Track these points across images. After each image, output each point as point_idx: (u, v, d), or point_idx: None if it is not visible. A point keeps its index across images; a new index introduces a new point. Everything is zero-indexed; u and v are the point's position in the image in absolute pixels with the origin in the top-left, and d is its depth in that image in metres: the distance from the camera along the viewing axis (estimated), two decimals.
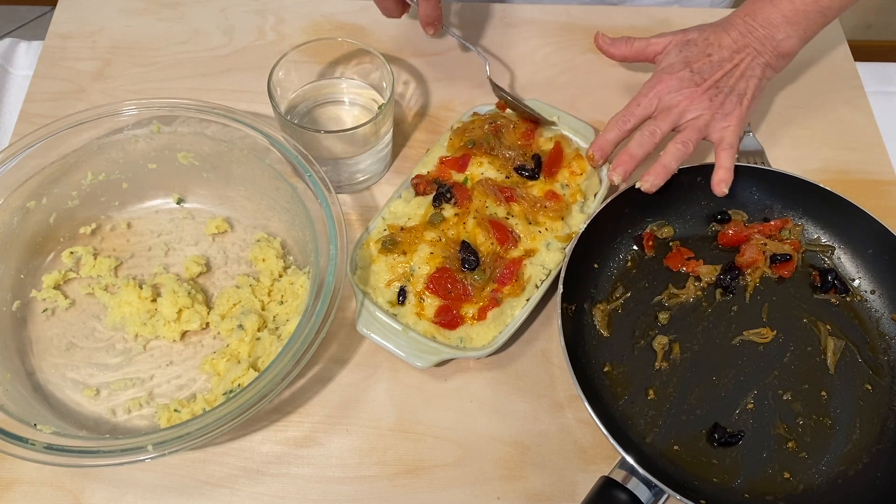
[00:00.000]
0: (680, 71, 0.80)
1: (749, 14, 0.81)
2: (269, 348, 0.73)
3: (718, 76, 0.80)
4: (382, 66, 0.82)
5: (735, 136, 0.79)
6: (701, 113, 0.79)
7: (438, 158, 0.82)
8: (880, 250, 0.78)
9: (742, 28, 0.81)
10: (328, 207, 0.73)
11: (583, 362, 0.74)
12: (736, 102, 0.80)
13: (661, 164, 0.77)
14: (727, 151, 0.79)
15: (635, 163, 0.78)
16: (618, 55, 0.86)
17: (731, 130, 0.79)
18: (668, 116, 0.79)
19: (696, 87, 0.79)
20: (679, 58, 0.82)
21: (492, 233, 0.76)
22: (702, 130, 0.79)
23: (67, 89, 0.94)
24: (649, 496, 0.64)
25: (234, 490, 0.70)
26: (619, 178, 0.78)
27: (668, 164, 0.77)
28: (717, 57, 0.80)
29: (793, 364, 0.75)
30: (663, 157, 0.78)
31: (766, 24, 0.80)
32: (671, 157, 0.78)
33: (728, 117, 0.79)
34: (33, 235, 0.79)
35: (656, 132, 0.79)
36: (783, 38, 0.80)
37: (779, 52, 0.81)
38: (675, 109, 0.79)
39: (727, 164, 0.78)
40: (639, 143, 0.78)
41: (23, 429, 0.63)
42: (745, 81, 0.80)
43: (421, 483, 0.71)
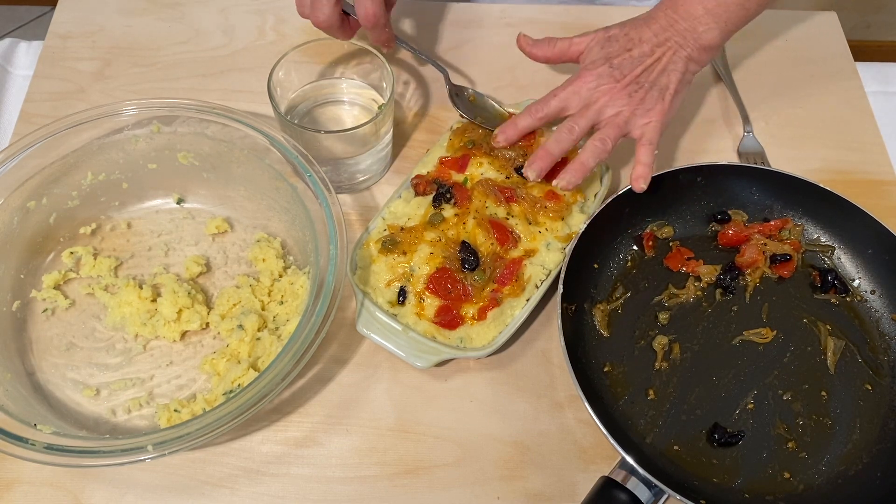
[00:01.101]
0: (600, 67, 0.79)
1: (671, 7, 0.80)
2: (269, 348, 0.73)
3: (639, 71, 0.78)
4: (382, 66, 0.82)
5: (656, 132, 0.78)
6: (620, 109, 0.78)
7: (438, 158, 0.82)
8: (880, 250, 0.78)
9: (663, 21, 0.79)
10: (328, 207, 0.73)
11: (583, 362, 0.74)
12: (657, 97, 0.78)
13: (580, 161, 0.76)
14: (646, 147, 0.77)
15: (552, 160, 0.77)
16: (541, 56, 0.84)
17: (652, 126, 0.78)
18: (586, 113, 0.78)
19: (616, 83, 0.78)
20: (600, 54, 0.80)
21: (492, 233, 0.76)
22: (621, 127, 0.78)
23: (67, 89, 0.94)
24: (649, 496, 0.64)
25: (234, 490, 0.70)
26: (533, 175, 0.77)
27: (586, 162, 0.76)
28: (637, 52, 0.79)
29: (793, 364, 0.75)
30: (581, 155, 0.77)
31: (687, 16, 0.79)
32: (589, 154, 0.76)
33: (649, 113, 0.78)
34: (33, 235, 0.79)
35: (574, 129, 0.78)
36: (704, 31, 0.78)
37: (700, 44, 0.79)
38: (593, 106, 0.78)
39: (645, 159, 0.77)
40: (556, 140, 0.77)
41: (23, 429, 0.63)
42: (668, 76, 0.79)
43: (421, 483, 0.71)
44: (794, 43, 1.00)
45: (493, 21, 1.02)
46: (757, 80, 0.97)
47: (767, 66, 0.98)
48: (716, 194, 0.83)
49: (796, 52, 1.00)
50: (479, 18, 1.02)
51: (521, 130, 0.80)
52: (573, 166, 0.76)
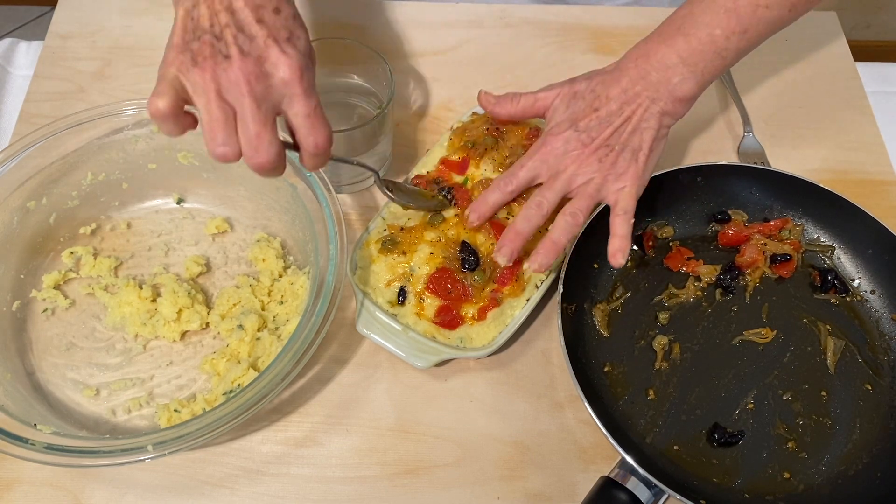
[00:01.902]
0: (565, 131, 0.73)
1: (642, 56, 0.73)
2: (269, 348, 0.73)
3: (608, 133, 0.72)
4: (382, 66, 0.82)
5: (630, 198, 0.72)
6: (591, 177, 0.72)
7: (439, 159, 0.82)
8: (880, 250, 0.78)
9: (633, 73, 0.73)
10: (328, 207, 0.73)
11: (583, 362, 0.74)
12: (630, 160, 0.72)
13: (551, 240, 0.71)
14: (621, 217, 0.72)
15: (522, 240, 0.72)
16: (504, 114, 0.79)
17: (626, 192, 0.72)
18: (554, 184, 0.73)
19: (585, 148, 0.72)
20: (565, 115, 0.74)
21: (492, 233, 0.76)
22: (593, 196, 0.73)
23: (67, 89, 0.94)
24: (649, 496, 0.64)
25: (234, 490, 0.70)
26: (504, 260, 0.71)
27: (558, 240, 0.71)
28: (604, 111, 0.73)
29: (793, 364, 0.75)
30: (552, 233, 0.72)
31: (660, 66, 0.72)
32: (560, 231, 0.72)
33: (622, 178, 0.72)
34: (33, 235, 0.79)
35: (543, 203, 0.72)
36: (679, 82, 0.72)
37: (675, 96, 0.72)
38: (562, 175, 0.73)
39: (622, 231, 0.71)
40: (525, 218, 0.72)
41: (23, 429, 0.63)
42: (640, 135, 0.73)
43: (421, 483, 0.71)
44: (794, 43, 1.00)
45: (493, 21, 1.02)
46: (757, 80, 0.97)
47: (767, 66, 0.98)
48: (716, 194, 0.83)
49: (796, 52, 1.00)
50: (479, 18, 1.02)
51: (493, 206, 0.75)
52: (545, 247, 0.71)
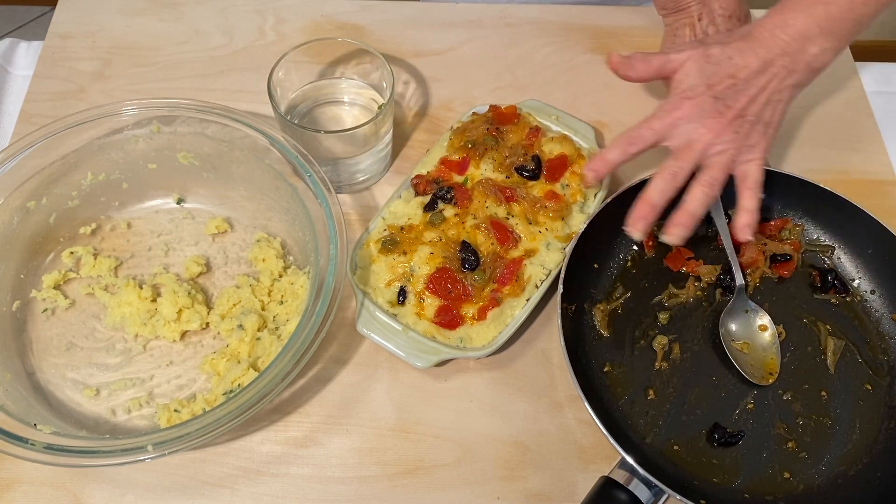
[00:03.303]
0: (701, 96, 0.70)
1: (779, 26, 0.71)
2: (269, 348, 0.73)
3: (744, 103, 0.70)
4: (382, 66, 0.82)
5: (760, 171, 0.71)
6: (726, 147, 0.70)
7: (439, 159, 0.83)
8: (880, 250, 0.78)
9: (770, 42, 0.71)
10: (328, 207, 0.73)
11: (583, 362, 0.74)
12: (762, 133, 0.71)
13: (687, 211, 0.69)
14: (752, 191, 0.71)
15: (656, 213, 0.69)
16: (635, 76, 0.76)
17: (756, 165, 0.71)
18: (690, 154, 0.70)
19: (721, 117, 0.70)
20: (700, 79, 0.71)
21: (492, 233, 0.76)
22: (728, 168, 0.71)
23: (67, 89, 0.94)
24: (649, 496, 0.64)
25: (234, 490, 0.70)
26: (639, 235, 0.69)
27: (696, 211, 0.69)
28: (742, 80, 0.70)
29: (793, 364, 0.75)
30: (688, 203, 0.69)
31: (799, 36, 0.70)
32: (698, 202, 0.69)
33: (753, 150, 0.71)
34: (33, 235, 0.79)
35: (678, 175, 0.70)
36: (818, 53, 0.70)
37: (812, 67, 0.71)
38: (697, 145, 0.70)
39: (751, 205, 0.70)
40: (660, 191, 0.69)
41: (23, 429, 0.63)
42: (773, 107, 0.71)
43: (421, 483, 0.71)
44: None
45: (493, 21, 1.02)
46: None
47: None
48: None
49: None
50: (479, 18, 1.02)
51: (612, 164, 0.73)
52: (681, 219, 0.69)
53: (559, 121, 0.87)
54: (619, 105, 0.95)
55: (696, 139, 0.70)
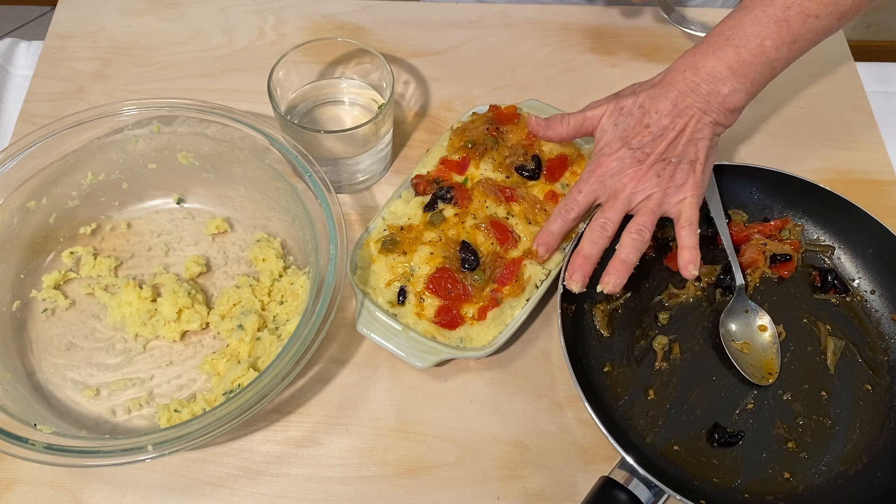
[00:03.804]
0: (619, 150, 0.73)
1: (690, 68, 0.72)
2: (269, 348, 0.73)
3: (662, 148, 0.72)
4: (382, 66, 0.82)
5: (693, 209, 0.72)
6: (651, 192, 0.72)
7: (439, 159, 0.83)
8: (880, 250, 0.78)
9: (682, 86, 0.72)
10: (328, 207, 0.73)
11: (583, 362, 0.74)
12: (688, 171, 0.72)
13: (620, 259, 0.71)
14: (687, 229, 0.72)
15: (592, 264, 0.71)
16: (556, 137, 0.78)
17: (688, 203, 0.72)
18: (615, 204, 0.72)
19: (640, 165, 0.72)
20: (615, 134, 0.74)
21: (492, 233, 0.76)
22: (655, 211, 0.72)
23: (67, 89, 0.94)
24: (649, 496, 0.64)
25: (234, 490, 0.70)
26: (577, 286, 0.71)
27: (628, 259, 0.71)
28: (656, 126, 0.72)
29: (793, 364, 0.75)
30: (621, 252, 0.71)
31: (710, 77, 0.71)
32: (629, 249, 0.71)
33: (682, 189, 0.72)
34: (33, 235, 0.79)
35: (607, 225, 0.72)
36: (729, 93, 0.71)
37: (726, 107, 0.72)
38: (621, 194, 0.72)
39: (690, 242, 0.71)
40: (591, 241, 0.72)
41: (23, 429, 0.63)
42: (695, 146, 0.72)
43: (421, 483, 0.71)
44: None
45: (493, 21, 1.02)
46: None
47: None
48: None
49: None
50: (479, 18, 1.02)
51: (558, 235, 0.75)
52: (616, 267, 0.70)
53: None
54: None
55: (619, 189, 0.73)
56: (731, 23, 0.73)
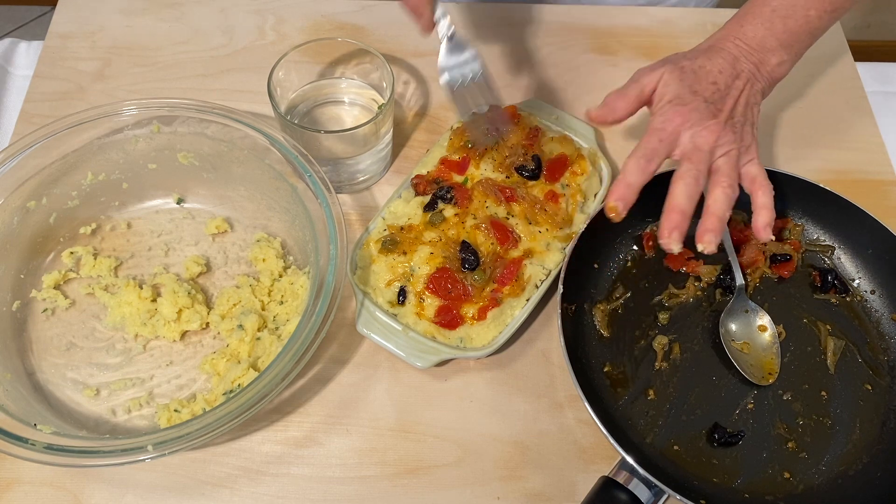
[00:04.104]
0: (692, 102, 0.70)
1: (740, 37, 0.73)
2: (269, 348, 0.73)
3: (731, 105, 0.71)
4: (382, 66, 0.82)
5: (762, 169, 0.71)
6: (730, 148, 0.70)
7: (439, 159, 0.83)
8: (880, 250, 0.78)
9: (734, 51, 0.73)
10: (328, 207, 0.73)
11: (583, 362, 0.74)
12: (751, 134, 0.72)
13: (716, 216, 0.68)
14: (764, 188, 0.70)
15: (688, 220, 0.67)
16: (620, 115, 0.74)
17: (757, 164, 0.72)
18: (701, 156, 0.69)
19: (717, 119, 0.70)
20: (683, 88, 0.71)
21: (492, 233, 0.76)
22: (736, 168, 0.70)
23: (67, 89, 0.94)
24: (649, 496, 0.64)
25: (234, 490, 0.70)
26: (678, 246, 0.66)
27: (724, 215, 0.68)
28: (722, 84, 0.71)
29: (793, 364, 0.75)
30: (715, 208, 0.68)
31: (759, 47, 0.73)
32: (723, 205, 0.68)
33: (749, 150, 0.72)
34: (33, 235, 0.79)
35: (700, 178, 0.68)
36: (777, 64, 0.73)
37: (773, 77, 0.74)
38: (704, 146, 0.69)
39: (768, 201, 0.70)
40: (687, 196, 0.68)
41: (23, 429, 0.63)
42: (752, 109, 0.73)
43: (421, 483, 0.71)
44: None
45: (493, 21, 1.02)
46: None
47: None
48: None
49: None
50: (479, 18, 1.02)
51: (636, 188, 0.69)
52: (712, 225, 0.68)
53: (559, 121, 0.87)
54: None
55: (701, 142, 0.70)
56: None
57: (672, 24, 1.02)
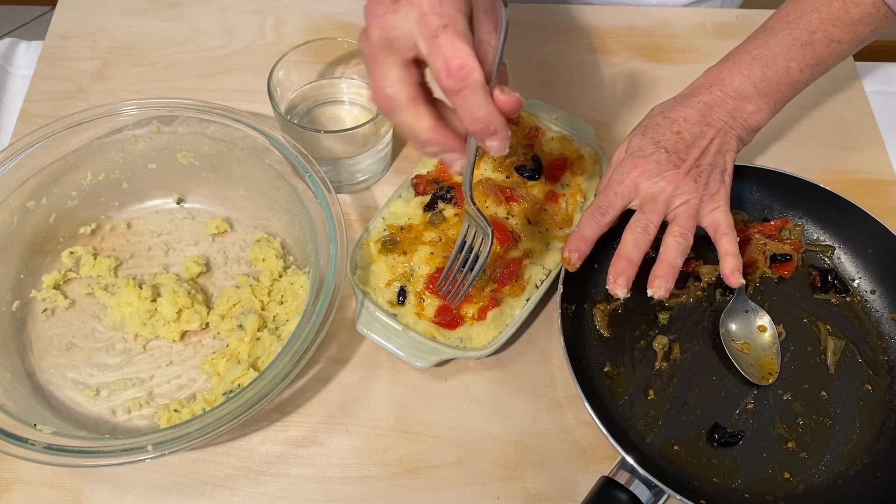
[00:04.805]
0: (654, 153, 0.71)
1: (716, 84, 0.74)
2: (269, 348, 0.73)
3: (696, 154, 0.72)
4: None
5: (729, 216, 0.72)
6: (689, 197, 0.71)
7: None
8: (880, 250, 0.78)
9: (707, 99, 0.74)
10: (328, 207, 0.73)
11: (583, 362, 0.74)
12: (719, 180, 0.73)
13: (667, 262, 0.69)
14: (728, 236, 0.72)
15: (635, 267, 0.69)
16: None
17: (723, 212, 0.72)
18: (655, 206, 0.71)
19: (677, 169, 0.71)
20: (645, 141, 0.73)
21: None
22: (694, 217, 0.71)
23: (67, 89, 0.94)
24: (649, 496, 0.64)
25: (234, 490, 0.70)
26: (623, 292, 0.68)
27: (675, 262, 0.69)
28: (687, 134, 0.72)
29: (793, 364, 0.75)
30: (666, 255, 0.70)
31: (736, 94, 0.73)
32: (674, 252, 0.70)
33: (715, 197, 0.72)
34: (33, 235, 0.79)
35: (649, 227, 0.70)
36: (754, 111, 0.74)
37: (749, 125, 0.74)
38: (661, 197, 0.71)
39: (733, 249, 0.71)
40: (634, 244, 0.70)
41: (23, 429, 0.63)
42: (723, 156, 0.73)
43: (421, 483, 0.71)
44: None
45: None
46: None
47: None
48: None
49: None
50: None
51: (590, 240, 0.71)
52: (663, 271, 0.69)
53: (559, 121, 0.87)
54: (619, 105, 0.95)
55: (658, 192, 0.71)
56: (757, 43, 0.75)
57: (672, 24, 1.02)
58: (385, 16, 0.55)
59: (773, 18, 0.77)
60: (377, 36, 0.56)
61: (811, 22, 0.74)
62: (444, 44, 0.52)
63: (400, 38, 0.55)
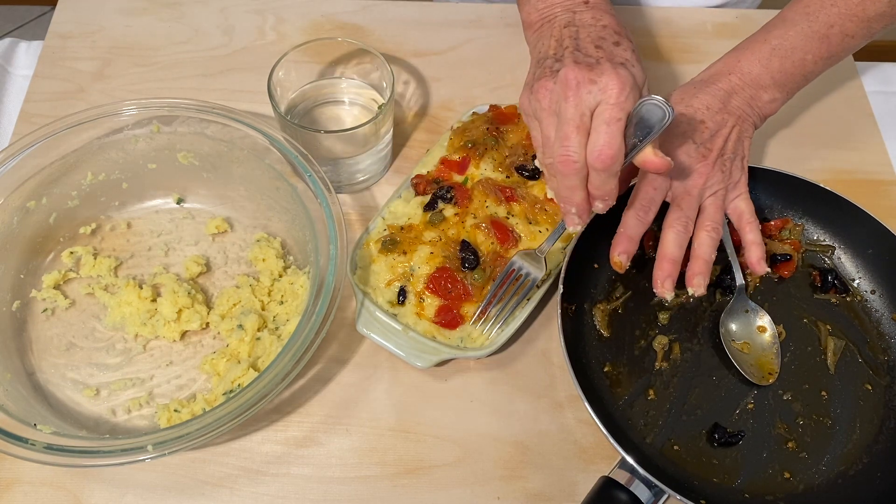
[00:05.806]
0: (683, 145, 0.72)
1: (734, 72, 0.75)
2: (269, 348, 0.73)
3: (720, 144, 0.73)
4: (382, 66, 0.82)
5: (750, 204, 0.74)
6: (718, 188, 0.73)
7: (439, 159, 0.83)
8: (880, 250, 0.78)
9: (726, 86, 0.75)
10: (328, 207, 0.73)
11: (583, 362, 0.74)
12: (740, 168, 0.74)
13: (703, 259, 0.71)
14: (751, 224, 0.74)
15: (678, 267, 0.71)
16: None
17: (745, 199, 0.74)
18: (690, 201, 0.72)
19: (706, 161, 0.72)
20: (673, 131, 0.73)
21: (492, 232, 0.76)
22: (722, 208, 0.73)
23: (67, 89, 0.94)
24: (649, 496, 0.64)
25: (234, 490, 0.70)
26: (671, 294, 0.70)
27: (710, 257, 0.71)
28: (711, 122, 0.73)
29: (793, 364, 0.75)
30: (701, 251, 0.71)
31: (754, 84, 0.74)
32: (709, 247, 0.71)
33: (737, 185, 0.74)
34: (33, 235, 0.79)
35: (689, 225, 0.72)
36: (769, 101, 0.75)
37: (763, 113, 0.76)
38: (694, 191, 0.72)
39: (758, 238, 0.73)
40: (676, 244, 0.71)
41: (23, 429, 0.63)
42: (742, 144, 0.75)
43: (421, 483, 0.71)
44: None
45: (493, 21, 1.02)
46: None
47: None
48: None
49: None
50: (479, 18, 1.02)
51: (636, 239, 0.72)
52: (700, 268, 0.71)
53: None
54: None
55: (691, 186, 0.73)
56: (777, 33, 0.76)
57: (672, 24, 1.02)
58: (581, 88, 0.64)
59: (792, 9, 0.77)
60: (572, 112, 0.64)
61: (830, 16, 0.75)
62: (611, 131, 0.62)
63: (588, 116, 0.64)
